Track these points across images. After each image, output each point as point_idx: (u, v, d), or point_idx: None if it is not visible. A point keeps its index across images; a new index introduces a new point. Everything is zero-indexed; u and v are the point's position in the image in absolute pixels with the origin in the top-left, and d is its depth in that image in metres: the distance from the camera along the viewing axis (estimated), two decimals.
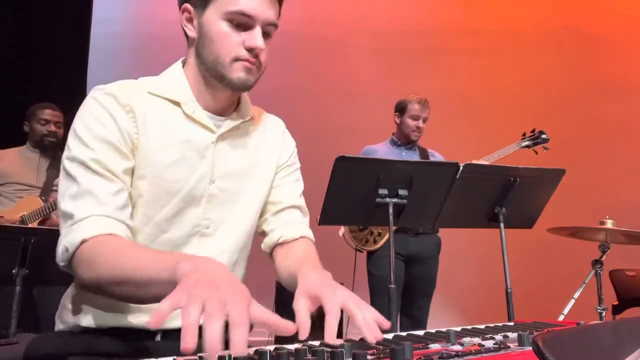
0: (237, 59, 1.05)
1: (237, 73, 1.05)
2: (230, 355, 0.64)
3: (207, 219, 1.10)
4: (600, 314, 2.60)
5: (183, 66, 1.14)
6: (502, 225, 2.21)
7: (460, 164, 2.12)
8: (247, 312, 0.71)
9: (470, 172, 2.14)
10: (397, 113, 3.18)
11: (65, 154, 1.01)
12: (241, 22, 1.03)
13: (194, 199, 1.08)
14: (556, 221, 2.68)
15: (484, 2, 5.14)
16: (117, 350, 1.01)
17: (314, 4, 5.25)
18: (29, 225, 2.89)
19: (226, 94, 1.12)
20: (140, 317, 1.03)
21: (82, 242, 0.93)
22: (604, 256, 2.69)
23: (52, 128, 3.11)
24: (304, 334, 0.80)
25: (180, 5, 1.11)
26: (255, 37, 1.04)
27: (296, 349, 0.63)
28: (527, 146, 2.92)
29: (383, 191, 2.04)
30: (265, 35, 1.07)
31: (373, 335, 0.78)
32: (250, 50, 1.04)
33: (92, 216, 0.95)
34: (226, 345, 0.68)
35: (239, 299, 0.72)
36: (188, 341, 0.64)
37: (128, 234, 0.99)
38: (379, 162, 2.21)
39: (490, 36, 4.97)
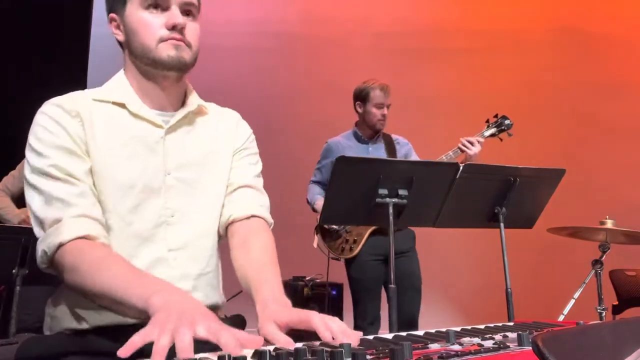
0: (161, 40, 1.08)
1: (166, 52, 1.08)
2: (230, 355, 0.64)
3: (169, 209, 1.12)
4: (600, 314, 2.60)
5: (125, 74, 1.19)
6: (502, 225, 2.21)
7: (460, 164, 2.12)
8: (219, 323, 0.77)
9: (470, 172, 2.14)
10: (358, 102, 3.01)
11: (26, 168, 1.04)
12: (157, 5, 1.09)
13: (152, 191, 1.10)
14: (556, 221, 2.68)
15: (484, 2, 5.14)
16: (110, 349, 1.01)
17: (314, 3, 5.26)
18: None
19: (169, 82, 1.14)
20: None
21: (60, 245, 0.96)
22: (604, 256, 2.69)
23: None
24: (289, 345, 0.82)
25: (107, 17, 1.16)
26: (173, 15, 1.08)
27: (296, 349, 0.63)
28: (493, 134, 2.77)
29: (383, 191, 2.03)
30: (188, 14, 1.11)
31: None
32: (172, 28, 1.08)
33: (64, 218, 0.98)
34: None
35: (210, 320, 0.78)
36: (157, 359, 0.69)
37: (102, 232, 1.02)
38: (379, 162, 2.21)
39: (490, 36, 4.97)
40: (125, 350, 0.69)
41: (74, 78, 4.64)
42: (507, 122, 2.78)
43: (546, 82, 4.78)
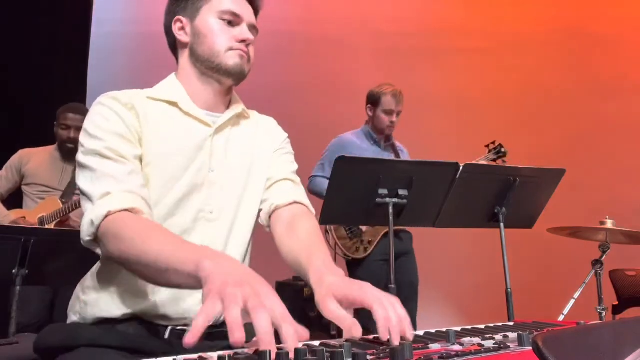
0: (230, 49, 1.19)
1: (233, 59, 1.19)
2: (229, 355, 0.64)
3: (209, 205, 1.17)
4: (600, 314, 2.60)
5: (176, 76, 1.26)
6: (502, 225, 2.21)
7: (460, 164, 2.12)
8: (283, 306, 0.72)
9: (470, 172, 2.14)
10: (369, 105, 3.03)
11: (80, 150, 1.10)
12: (230, 19, 1.21)
13: (195, 186, 1.16)
14: (556, 221, 2.68)
15: (484, 2, 5.14)
16: (125, 343, 1.04)
17: (314, 3, 5.26)
18: (46, 227, 2.92)
19: (222, 88, 1.23)
20: (154, 308, 1.08)
21: (108, 214, 0.98)
22: (604, 256, 2.68)
23: (72, 135, 3.08)
24: (357, 331, 0.79)
25: (169, 19, 1.25)
26: (244, 31, 1.22)
27: (296, 349, 0.63)
28: (493, 160, 2.81)
29: (383, 191, 2.04)
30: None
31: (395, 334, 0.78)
32: (241, 41, 1.20)
33: (113, 192, 1.02)
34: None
35: (272, 294, 0.74)
36: (237, 336, 0.65)
37: (148, 209, 1.05)
38: (379, 162, 2.21)
39: (490, 36, 4.97)
40: (191, 337, 0.66)
41: (74, 78, 4.64)
42: (502, 150, 2.81)
43: (547, 82, 4.78)
